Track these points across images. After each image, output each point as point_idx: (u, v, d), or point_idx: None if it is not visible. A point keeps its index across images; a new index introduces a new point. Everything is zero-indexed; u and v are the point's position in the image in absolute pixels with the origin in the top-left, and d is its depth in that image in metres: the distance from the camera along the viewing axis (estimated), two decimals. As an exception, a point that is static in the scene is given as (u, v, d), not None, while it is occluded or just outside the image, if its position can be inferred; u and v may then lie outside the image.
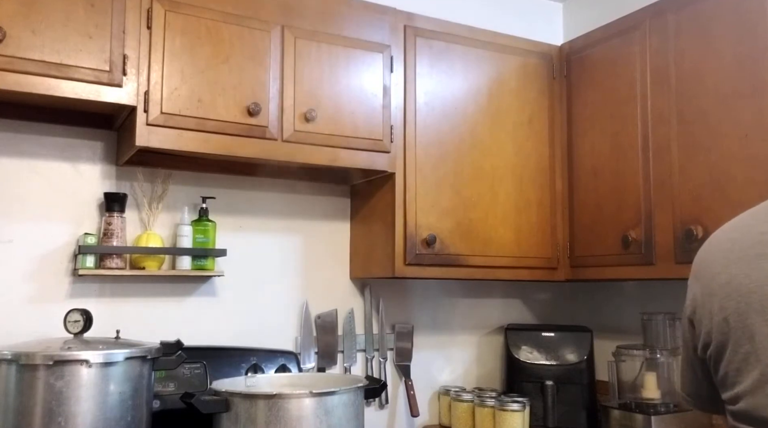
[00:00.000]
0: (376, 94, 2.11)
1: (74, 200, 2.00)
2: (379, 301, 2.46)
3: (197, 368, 1.95)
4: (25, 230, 1.93)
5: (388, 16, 2.18)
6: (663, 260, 2.06)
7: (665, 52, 2.10)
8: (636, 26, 2.20)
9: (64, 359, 1.52)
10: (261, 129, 1.92)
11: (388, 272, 2.15)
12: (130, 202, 2.03)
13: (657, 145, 2.11)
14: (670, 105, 2.07)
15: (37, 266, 1.94)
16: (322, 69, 2.03)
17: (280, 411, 1.62)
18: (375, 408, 2.41)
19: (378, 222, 2.24)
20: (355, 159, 2.07)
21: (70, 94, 1.69)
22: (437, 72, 2.24)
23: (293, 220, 2.34)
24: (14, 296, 1.91)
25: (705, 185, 1.96)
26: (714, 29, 1.97)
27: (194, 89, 1.83)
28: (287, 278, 2.31)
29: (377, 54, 2.13)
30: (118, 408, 1.57)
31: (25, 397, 1.51)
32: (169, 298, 2.11)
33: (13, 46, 1.62)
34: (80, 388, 1.52)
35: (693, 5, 2.03)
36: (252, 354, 2.09)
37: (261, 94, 1.92)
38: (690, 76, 2.02)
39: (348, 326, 2.38)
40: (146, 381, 1.65)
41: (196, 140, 1.84)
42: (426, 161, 2.18)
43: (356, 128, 2.06)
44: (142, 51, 1.78)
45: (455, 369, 2.60)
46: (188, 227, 2.06)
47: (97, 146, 2.04)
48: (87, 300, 1.95)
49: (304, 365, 2.25)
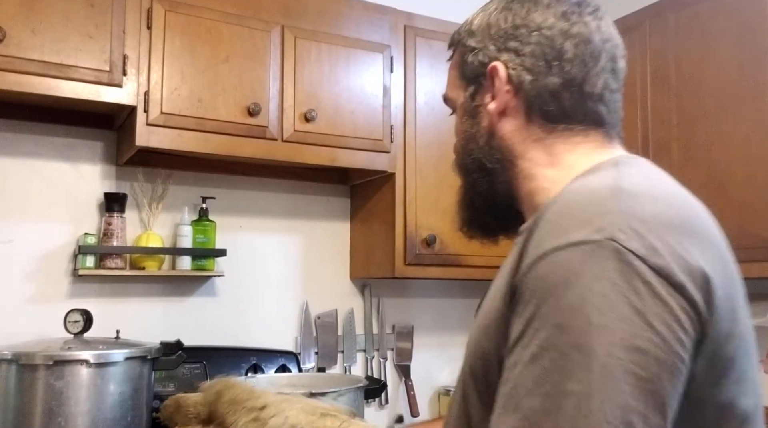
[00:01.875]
0: (376, 94, 2.11)
1: (74, 200, 2.00)
2: (379, 301, 2.46)
3: (197, 368, 1.95)
4: (25, 231, 1.93)
5: (388, 16, 2.18)
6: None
7: (665, 53, 2.10)
8: (636, 26, 2.20)
9: (64, 359, 1.52)
10: (261, 129, 1.92)
11: (388, 272, 2.15)
12: (130, 202, 2.03)
13: (657, 145, 2.11)
14: (669, 105, 2.07)
15: (37, 267, 1.94)
16: (322, 69, 2.02)
17: (280, 411, 1.61)
18: (375, 408, 2.41)
19: (378, 222, 2.24)
20: (355, 159, 2.07)
21: (70, 94, 1.69)
22: (437, 72, 2.23)
23: (293, 220, 2.34)
24: (14, 296, 1.91)
25: (705, 185, 1.96)
26: (714, 29, 1.97)
27: (194, 89, 1.83)
28: (287, 278, 2.31)
29: (377, 54, 2.13)
30: (118, 408, 1.57)
31: (25, 397, 1.51)
32: (169, 298, 2.11)
33: (13, 46, 1.62)
34: (80, 388, 1.52)
35: (693, 5, 2.03)
36: (252, 354, 2.09)
37: (261, 94, 1.92)
38: (690, 77, 2.03)
39: (348, 326, 2.38)
40: (146, 381, 1.65)
41: (196, 140, 1.84)
42: (426, 161, 2.18)
43: (356, 128, 2.06)
44: (142, 51, 1.78)
45: (455, 369, 2.59)
46: (188, 227, 2.06)
47: (97, 146, 2.04)
48: (87, 300, 1.95)
49: (304, 365, 2.25)
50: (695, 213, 0.72)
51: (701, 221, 0.71)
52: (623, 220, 0.63)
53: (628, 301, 0.59)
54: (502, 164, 0.84)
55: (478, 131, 0.85)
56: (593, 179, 0.73)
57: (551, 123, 0.81)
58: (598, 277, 0.60)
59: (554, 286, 0.62)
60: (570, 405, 0.57)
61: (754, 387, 0.70)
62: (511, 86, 0.82)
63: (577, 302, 0.60)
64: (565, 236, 0.64)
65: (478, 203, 0.89)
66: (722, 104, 1.93)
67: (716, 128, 1.94)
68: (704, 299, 0.62)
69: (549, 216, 0.68)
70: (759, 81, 1.85)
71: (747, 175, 1.86)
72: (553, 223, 0.67)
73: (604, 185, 0.70)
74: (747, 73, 1.88)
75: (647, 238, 0.62)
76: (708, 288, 0.63)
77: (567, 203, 0.68)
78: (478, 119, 0.86)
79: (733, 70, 1.91)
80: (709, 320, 0.62)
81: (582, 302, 0.60)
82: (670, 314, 0.60)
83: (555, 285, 0.62)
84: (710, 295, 0.63)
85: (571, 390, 0.58)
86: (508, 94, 0.82)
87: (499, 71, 0.83)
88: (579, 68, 0.81)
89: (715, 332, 0.63)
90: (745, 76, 1.88)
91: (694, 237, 0.66)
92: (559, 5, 0.83)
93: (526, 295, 0.65)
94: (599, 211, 0.65)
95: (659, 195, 0.70)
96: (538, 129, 0.82)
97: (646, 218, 0.64)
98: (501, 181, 0.85)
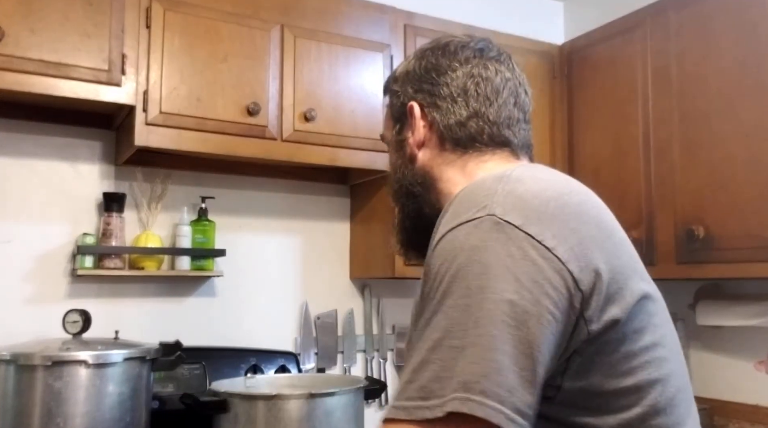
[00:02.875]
0: (376, 93, 2.10)
1: (73, 200, 1.99)
2: (379, 301, 2.46)
3: (196, 368, 1.94)
4: (23, 230, 1.92)
5: (387, 15, 2.17)
6: (664, 260, 2.05)
7: (666, 52, 2.09)
8: (637, 26, 2.20)
9: (62, 359, 1.52)
10: (260, 129, 1.91)
11: (388, 272, 2.15)
12: (129, 202, 2.02)
13: (658, 145, 2.10)
14: (671, 105, 2.07)
15: (35, 267, 1.93)
16: (321, 68, 2.02)
17: (280, 412, 1.61)
18: (375, 408, 2.40)
19: (378, 222, 2.24)
20: (355, 159, 2.07)
21: (68, 93, 1.69)
22: (437, 71, 2.22)
23: (293, 220, 2.33)
24: (13, 296, 1.90)
25: (706, 185, 1.96)
26: (715, 28, 1.96)
27: (193, 89, 1.82)
28: (287, 278, 2.31)
29: (377, 53, 2.12)
30: (117, 409, 1.56)
31: (23, 398, 1.50)
32: (168, 298, 2.11)
33: (12, 45, 1.61)
34: (79, 389, 1.52)
35: (694, 4, 2.02)
36: (251, 355, 2.08)
37: (260, 94, 1.91)
38: (691, 76, 2.02)
39: (348, 326, 2.37)
40: (145, 381, 1.65)
41: (195, 140, 1.83)
42: (426, 160, 2.17)
43: (356, 127, 2.06)
44: (141, 50, 1.77)
45: (455, 370, 2.59)
46: (187, 227, 2.05)
47: (95, 145, 2.04)
48: (86, 301, 1.94)
49: (304, 365, 2.24)
50: (575, 191, 0.82)
51: (579, 197, 0.81)
52: (503, 198, 0.75)
53: (503, 263, 0.70)
54: (425, 187, 0.97)
55: (403, 162, 0.99)
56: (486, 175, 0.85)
57: (461, 148, 0.94)
58: (478, 247, 0.71)
59: (444, 260, 0.73)
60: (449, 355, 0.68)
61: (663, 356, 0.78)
62: (425, 121, 0.96)
63: (462, 270, 0.71)
64: (457, 218, 0.75)
65: (408, 225, 1.01)
66: (724, 103, 1.92)
67: (718, 127, 1.93)
68: (577, 260, 0.72)
69: (447, 209, 0.80)
70: (760, 80, 1.84)
71: (748, 174, 1.86)
72: (450, 213, 0.78)
73: (492, 176, 0.82)
74: (748, 72, 1.87)
75: (524, 211, 0.73)
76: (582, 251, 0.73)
77: (461, 195, 0.80)
78: (403, 151, 0.99)
79: (734, 69, 1.90)
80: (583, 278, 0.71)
81: (465, 270, 0.70)
82: (539, 273, 0.70)
83: (445, 259, 0.73)
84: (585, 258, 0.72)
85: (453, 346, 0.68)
86: (425, 128, 0.96)
87: (414, 110, 0.97)
88: (481, 102, 0.94)
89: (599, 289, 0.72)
90: (747, 75, 1.87)
91: (568, 209, 0.76)
92: (463, 52, 0.97)
93: (426, 272, 0.76)
94: (485, 194, 0.76)
95: (541, 177, 0.82)
96: (451, 154, 0.95)
97: (524, 195, 0.75)
98: (426, 202, 0.97)
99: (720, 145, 1.93)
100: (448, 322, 0.69)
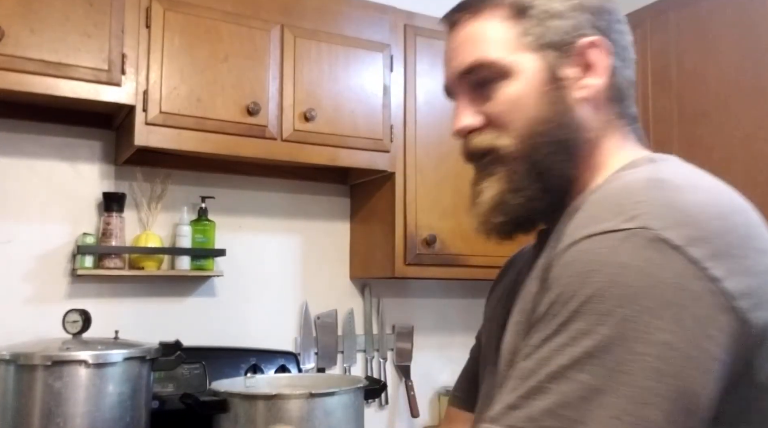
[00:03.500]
0: (376, 93, 2.10)
1: (73, 200, 1.99)
2: (379, 301, 2.46)
3: (196, 368, 1.94)
4: (23, 230, 1.92)
5: (388, 15, 2.17)
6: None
7: (666, 52, 2.09)
8: (637, 25, 2.20)
9: (62, 359, 1.52)
10: (260, 128, 1.91)
11: (388, 272, 2.15)
12: (128, 202, 2.02)
13: (658, 144, 2.10)
14: (671, 104, 2.07)
15: (35, 267, 1.93)
16: (321, 68, 2.02)
17: (280, 412, 1.61)
18: (375, 408, 2.40)
19: (378, 222, 2.24)
20: (354, 159, 2.07)
21: (68, 93, 1.69)
22: (438, 71, 2.21)
23: (293, 220, 2.33)
24: (13, 296, 1.90)
25: (706, 184, 1.96)
26: (715, 28, 1.96)
27: (193, 88, 1.82)
28: (287, 278, 2.31)
29: (377, 53, 2.12)
30: (117, 409, 1.56)
31: (23, 398, 1.50)
32: (168, 298, 2.11)
33: (12, 45, 1.61)
34: (79, 389, 1.52)
35: (694, 4, 2.02)
36: (251, 355, 2.08)
37: (260, 94, 1.91)
38: (691, 76, 2.02)
39: (348, 326, 2.37)
40: (145, 381, 1.64)
41: (195, 140, 1.83)
42: (426, 160, 2.18)
43: (356, 127, 2.06)
44: (141, 50, 1.77)
45: (455, 370, 2.58)
46: (187, 227, 2.05)
47: (95, 145, 2.04)
48: (85, 300, 1.94)
49: (304, 365, 2.24)
50: (744, 206, 0.67)
51: (749, 216, 0.66)
52: (658, 209, 0.60)
53: (658, 293, 0.56)
54: (578, 148, 0.76)
55: (559, 107, 0.76)
56: (630, 172, 0.71)
57: (617, 117, 0.79)
58: (625, 268, 0.58)
59: (577, 273, 0.60)
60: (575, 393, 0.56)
61: None
62: (608, 67, 0.77)
63: (600, 292, 0.58)
64: (597, 225, 0.62)
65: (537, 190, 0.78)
66: (723, 103, 1.92)
67: (717, 126, 1.93)
68: (750, 296, 0.59)
69: (585, 207, 0.67)
70: (760, 79, 1.84)
71: (749, 174, 1.86)
72: (588, 213, 0.65)
73: (640, 177, 0.67)
74: (748, 72, 1.87)
75: (686, 228, 0.59)
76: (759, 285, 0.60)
77: (603, 194, 0.67)
78: (561, 94, 0.76)
79: (734, 68, 1.90)
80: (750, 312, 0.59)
81: (605, 292, 0.58)
82: (701, 309, 0.57)
83: (578, 273, 0.60)
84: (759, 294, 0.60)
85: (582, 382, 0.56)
86: (604, 75, 0.76)
87: (604, 48, 0.76)
88: (632, 70, 0.81)
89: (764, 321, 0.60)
90: (747, 75, 1.87)
91: (742, 230, 0.62)
92: None
93: (550, 280, 0.64)
94: (633, 200, 0.62)
95: (699, 185, 0.66)
96: (615, 120, 0.78)
97: (688, 208, 0.61)
98: (573, 166, 0.77)
99: (720, 144, 1.92)
100: (577, 350, 0.57)
